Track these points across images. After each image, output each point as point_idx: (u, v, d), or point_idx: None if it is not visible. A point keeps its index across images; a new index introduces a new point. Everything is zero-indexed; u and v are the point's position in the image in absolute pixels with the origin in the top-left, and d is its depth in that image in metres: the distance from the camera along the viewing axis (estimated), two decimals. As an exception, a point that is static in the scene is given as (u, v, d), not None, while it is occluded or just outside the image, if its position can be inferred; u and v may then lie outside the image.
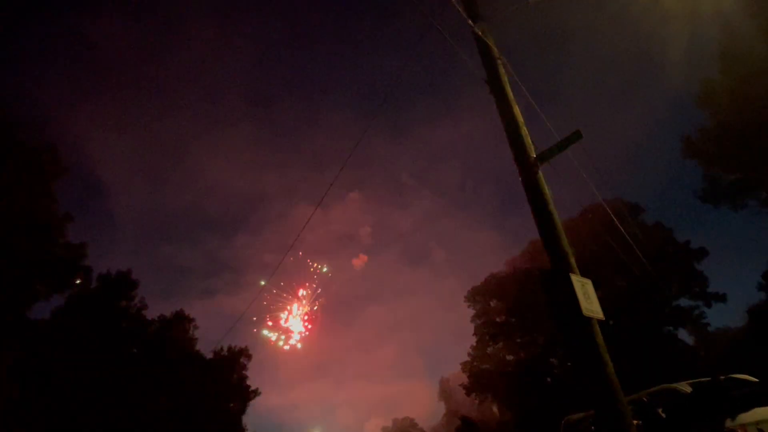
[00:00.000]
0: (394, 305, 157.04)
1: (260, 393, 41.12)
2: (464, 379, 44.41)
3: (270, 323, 50.71)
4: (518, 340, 39.72)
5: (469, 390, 43.03)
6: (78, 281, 28.42)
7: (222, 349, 39.37)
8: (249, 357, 40.84)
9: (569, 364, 34.01)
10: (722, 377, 7.98)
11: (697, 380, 8.51)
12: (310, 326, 52.38)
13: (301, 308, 52.54)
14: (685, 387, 8.25)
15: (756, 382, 8.31)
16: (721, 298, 33.79)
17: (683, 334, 35.03)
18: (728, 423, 6.70)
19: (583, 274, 6.02)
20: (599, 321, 5.78)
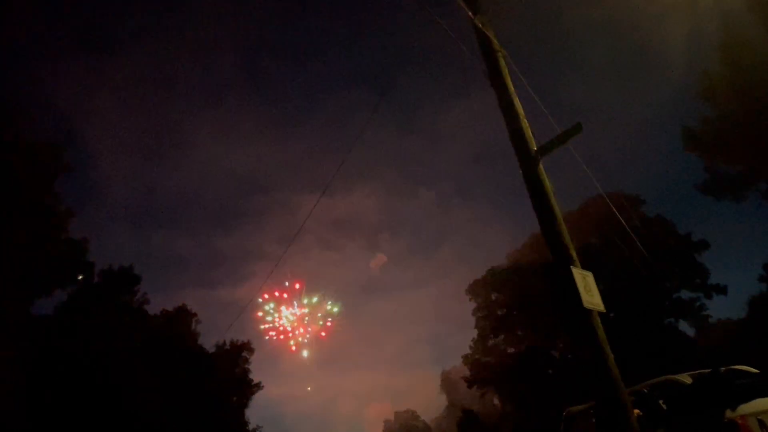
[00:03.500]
0: (396, 298, 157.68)
1: (263, 386, 41.42)
2: (466, 371, 44.63)
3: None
4: (519, 333, 39.83)
5: (470, 382, 43.22)
6: (80, 277, 28.56)
7: (224, 343, 39.54)
8: (251, 351, 41.05)
9: (570, 356, 34.15)
10: (723, 369, 8.00)
11: (697, 372, 8.54)
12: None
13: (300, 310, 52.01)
14: (685, 378, 8.28)
15: (756, 373, 8.34)
16: (722, 290, 33.83)
17: (684, 326, 35.10)
18: (729, 414, 6.73)
19: (584, 267, 6.04)
20: (600, 313, 5.80)
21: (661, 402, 8.11)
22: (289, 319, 43.13)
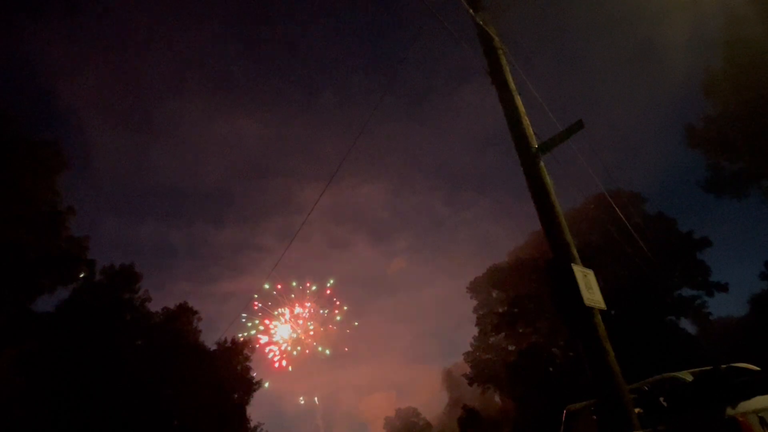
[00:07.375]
0: (399, 295, 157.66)
1: (265, 384, 41.50)
2: (467, 369, 44.75)
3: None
4: (520, 330, 39.86)
5: (471, 380, 43.34)
6: (82, 274, 28.59)
7: (225, 340, 39.56)
8: (253, 348, 41.13)
9: (571, 353, 34.15)
10: (723, 366, 8.01)
11: (698, 369, 8.55)
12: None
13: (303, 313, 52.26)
14: (686, 376, 8.30)
15: (757, 370, 8.34)
16: (723, 287, 33.81)
17: (685, 324, 35.14)
18: (729, 411, 6.73)
19: (585, 264, 6.04)
20: (601, 310, 5.80)
21: (661, 399, 8.12)
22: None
